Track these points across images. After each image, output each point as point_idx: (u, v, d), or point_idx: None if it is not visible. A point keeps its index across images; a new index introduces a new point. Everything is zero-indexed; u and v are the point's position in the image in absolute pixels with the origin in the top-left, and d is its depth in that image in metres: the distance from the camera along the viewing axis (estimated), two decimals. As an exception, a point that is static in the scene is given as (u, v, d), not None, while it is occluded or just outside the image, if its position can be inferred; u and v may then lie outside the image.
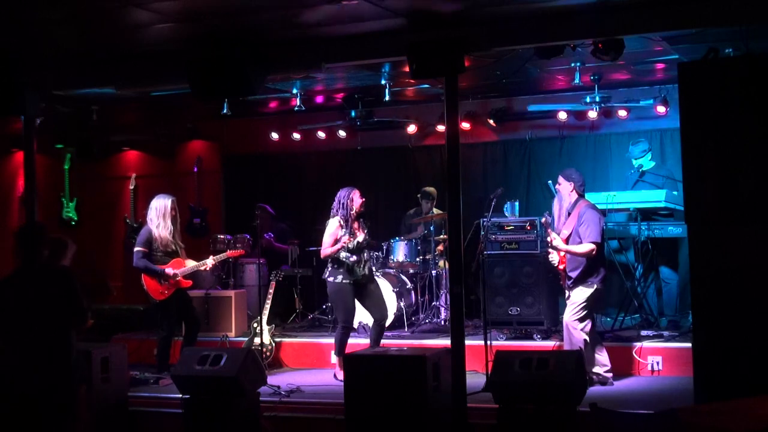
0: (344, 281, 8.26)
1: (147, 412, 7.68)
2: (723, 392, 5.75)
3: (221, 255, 9.23)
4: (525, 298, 9.06)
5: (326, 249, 8.30)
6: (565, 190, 7.89)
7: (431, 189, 10.51)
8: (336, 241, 8.23)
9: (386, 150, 11.60)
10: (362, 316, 9.79)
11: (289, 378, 8.57)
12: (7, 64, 7.60)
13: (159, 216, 8.60)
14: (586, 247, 7.58)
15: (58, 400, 5.70)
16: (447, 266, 9.41)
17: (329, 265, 8.36)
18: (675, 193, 8.87)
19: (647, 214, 9.18)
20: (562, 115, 10.52)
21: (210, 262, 8.91)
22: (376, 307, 8.47)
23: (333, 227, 8.29)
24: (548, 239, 7.82)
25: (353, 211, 8.29)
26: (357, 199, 8.32)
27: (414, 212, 10.72)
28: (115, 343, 9.15)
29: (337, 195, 8.39)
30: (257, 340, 8.99)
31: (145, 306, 9.98)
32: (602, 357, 7.80)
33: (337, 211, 8.34)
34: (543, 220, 7.88)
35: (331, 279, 8.31)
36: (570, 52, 7.67)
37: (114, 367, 7.51)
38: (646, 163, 9.66)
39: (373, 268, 8.95)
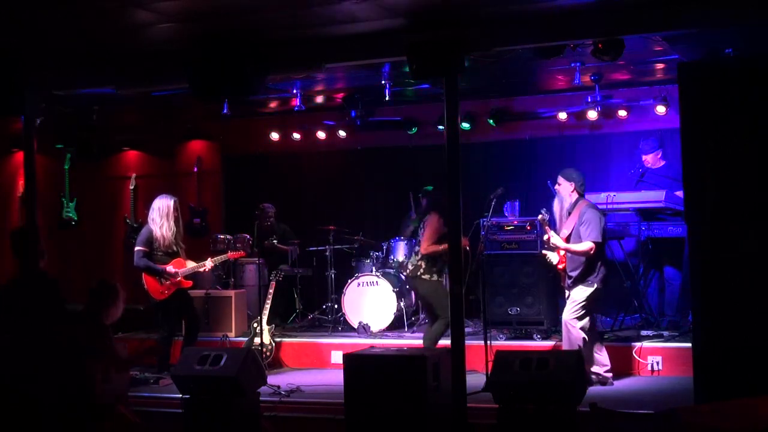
0: (439, 279, 8.24)
1: (147, 412, 7.67)
2: (723, 392, 5.75)
3: (220, 257, 9.23)
4: (525, 298, 9.07)
5: (432, 247, 8.12)
6: (565, 190, 7.88)
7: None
8: (440, 239, 8.00)
9: (386, 150, 11.59)
10: (363, 316, 9.80)
11: (289, 378, 8.58)
12: (7, 64, 7.59)
13: (162, 216, 8.61)
14: (585, 245, 7.58)
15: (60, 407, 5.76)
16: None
17: (422, 262, 8.20)
18: (678, 193, 8.84)
19: (650, 214, 9.16)
20: (562, 115, 10.52)
21: (209, 264, 8.92)
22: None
23: (438, 223, 8.09)
24: (545, 237, 7.82)
25: None
26: None
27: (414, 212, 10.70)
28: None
29: (431, 195, 8.39)
30: (257, 340, 8.99)
31: (145, 306, 9.97)
32: (602, 357, 7.80)
33: (433, 207, 8.25)
34: (540, 216, 7.86)
35: (426, 276, 8.21)
36: (570, 52, 7.67)
37: (114, 367, 7.51)
38: (655, 161, 9.63)
39: None
